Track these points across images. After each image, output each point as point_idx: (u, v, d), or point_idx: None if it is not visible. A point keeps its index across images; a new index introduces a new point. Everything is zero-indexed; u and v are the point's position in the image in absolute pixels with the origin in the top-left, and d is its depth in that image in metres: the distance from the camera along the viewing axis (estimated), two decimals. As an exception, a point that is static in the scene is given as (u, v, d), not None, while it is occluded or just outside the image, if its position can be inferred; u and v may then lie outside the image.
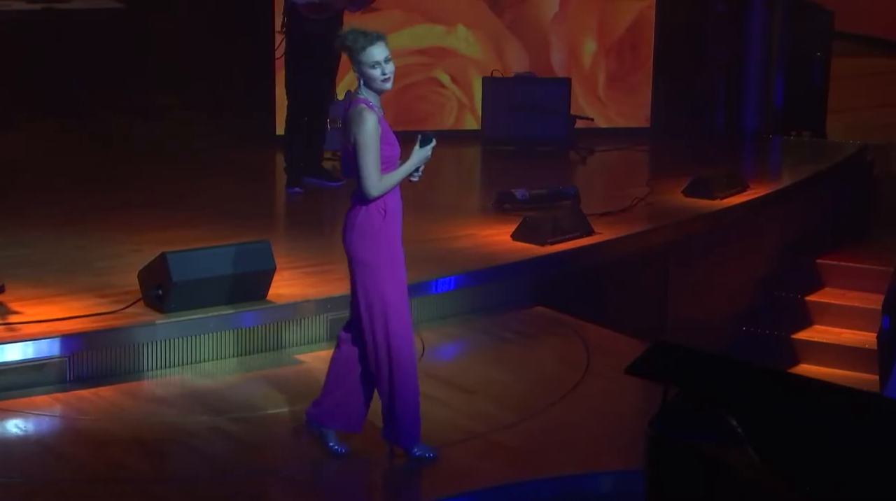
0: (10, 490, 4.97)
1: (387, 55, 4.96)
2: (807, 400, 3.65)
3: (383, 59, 4.95)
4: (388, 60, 4.97)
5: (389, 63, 4.98)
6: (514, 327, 7.10)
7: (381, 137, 4.98)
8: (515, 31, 11.38)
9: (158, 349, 6.22)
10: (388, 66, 4.97)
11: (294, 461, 5.38)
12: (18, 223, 7.82)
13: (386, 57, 4.96)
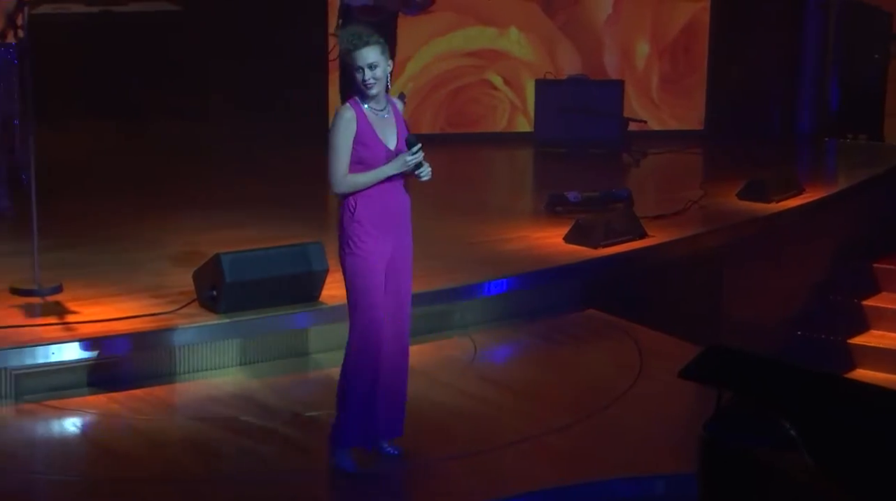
0: (67, 487, 5.03)
1: (371, 61, 4.92)
2: (862, 405, 3.62)
3: (366, 65, 4.93)
4: (372, 66, 4.92)
5: (375, 69, 4.93)
6: (566, 330, 7.09)
7: (358, 137, 4.99)
8: (568, 33, 11.37)
9: (212, 350, 6.27)
10: (370, 72, 4.93)
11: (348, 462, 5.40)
12: (75, 223, 7.91)
13: (370, 63, 4.92)
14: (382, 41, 5.00)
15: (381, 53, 4.96)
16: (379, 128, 5.03)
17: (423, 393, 6.10)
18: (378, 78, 4.96)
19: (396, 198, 5.12)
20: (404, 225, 5.18)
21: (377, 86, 4.97)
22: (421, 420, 5.84)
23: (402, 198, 5.17)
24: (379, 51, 4.95)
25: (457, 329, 6.92)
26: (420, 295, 6.87)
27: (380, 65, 4.95)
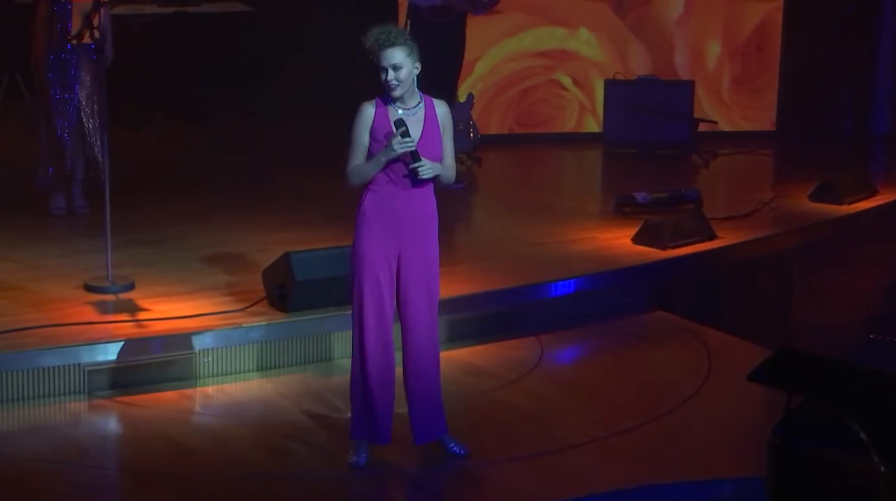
0: (137, 483, 5.09)
1: (395, 62, 4.90)
2: (936, 410, 3.57)
3: (390, 66, 4.92)
4: (396, 68, 4.90)
5: (398, 70, 4.91)
6: (633, 331, 7.05)
7: (373, 133, 5.01)
8: (638, 34, 11.30)
9: (281, 347, 6.32)
10: (393, 73, 4.92)
11: (414, 461, 5.42)
12: (148, 221, 8.01)
13: (394, 64, 4.91)
14: (411, 43, 4.95)
15: (408, 55, 4.93)
16: (395, 129, 4.99)
17: (489, 393, 6.11)
18: (401, 80, 4.93)
19: (409, 201, 5.05)
20: (418, 229, 5.08)
21: (399, 88, 4.94)
22: (487, 419, 5.85)
23: (417, 202, 5.07)
24: (405, 52, 4.93)
25: (524, 329, 6.91)
26: (486, 295, 6.91)
27: (404, 66, 4.92)
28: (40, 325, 6.03)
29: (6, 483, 4.98)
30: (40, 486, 4.98)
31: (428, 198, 5.11)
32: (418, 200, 5.07)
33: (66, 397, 5.84)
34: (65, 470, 5.14)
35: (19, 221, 7.92)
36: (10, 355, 5.75)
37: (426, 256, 5.13)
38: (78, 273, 6.86)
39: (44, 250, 7.34)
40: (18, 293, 6.56)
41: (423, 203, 5.09)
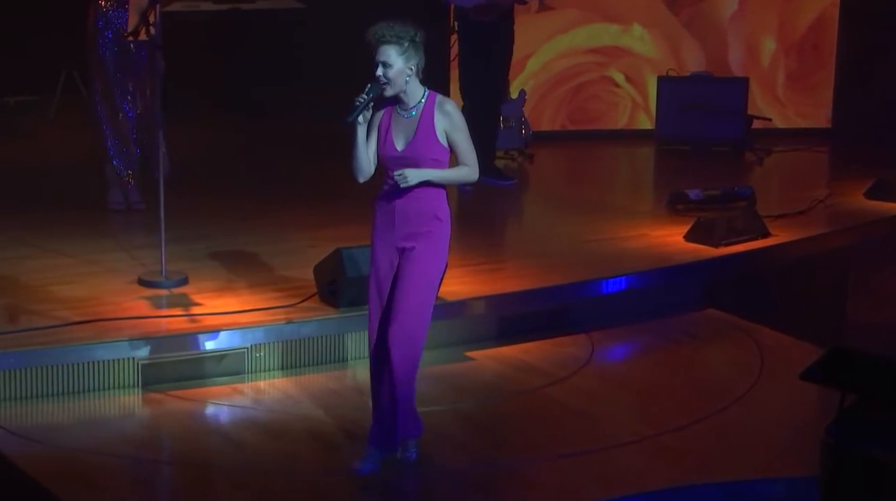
0: (190, 476, 5.14)
1: (384, 60, 4.88)
2: None
3: (380, 62, 4.90)
4: (385, 65, 4.88)
5: (388, 69, 4.88)
6: (685, 329, 7.02)
7: (375, 134, 4.99)
8: (692, 30, 11.23)
9: (332, 343, 6.34)
10: (382, 69, 4.89)
11: (462, 457, 5.43)
12: (200, 216, 8.07)
13: (384, 61, 4.88)
14: (406, 45, 4.89)
15: (400, 55, 4.89)
16: (396, 129, 4.97)
17: (539, 391, 6.10)
18: (390, 78, 4.88)
19: (404, 202, 4.97)
20: (416, 229, 4.98)
21: (389, 87, 4.89)
22: (536, 417, 5.84)
23: (416, 202, 4.97)
24: (397, 52, 4.88)
25: (575, 327, 6.89)
26: (537, 291, 6.91)
27: (394, 65, 4.88)
28: (95, 319, 6.10)
29: (62, 475, 5.05)
30: (95, 478, 5.03)
31: (429, 198, 4.98)
32: (417, 200, 4.96)
33: (120, 390, 5.91)
34: (119, 463, 5.19)
35: (76, 216, 8.01)
36: (65, 348, 5.82)
37: (416, 258, 4.99)
38: (132, 267, 6.93)
39: (99, 245, 7.41)
40: (74, 287, 6.63)
41: (423, 202, 4.97)
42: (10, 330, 5.92)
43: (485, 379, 6.26)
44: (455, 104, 5.01)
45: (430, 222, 4.99)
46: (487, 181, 9.27)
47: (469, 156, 5.02)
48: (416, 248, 4.99)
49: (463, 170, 5.02)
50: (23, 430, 5.45)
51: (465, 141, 4.99)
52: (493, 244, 8.35)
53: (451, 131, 4.96)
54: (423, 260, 5.00)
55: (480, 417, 5.85)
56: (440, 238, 5.03)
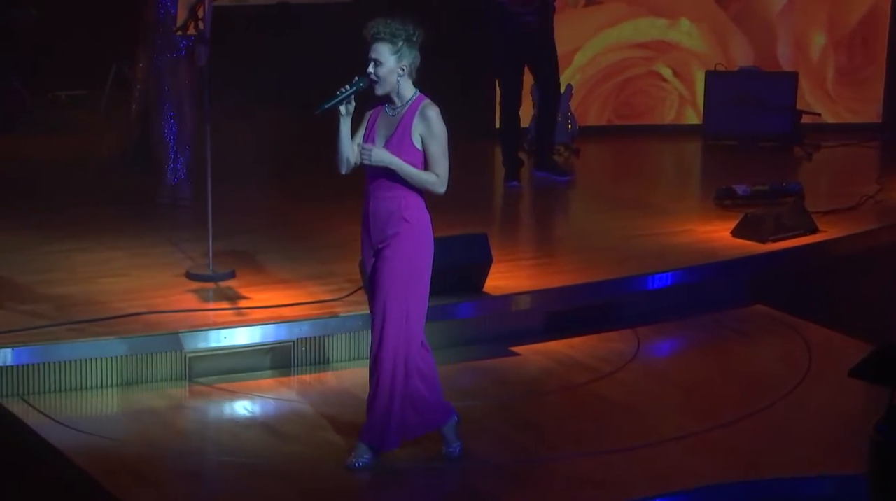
0: (236, 469, 5.17)
1: (375, 57, 4.85)
2: None
3: (371, 59, 4.86)
4: (376, 62, 4.85)
5: (378, 66, 4.85)
6: (732, 325, 6.97)
7: (361, 125, 5.00)
8: (740, 24, 11.14)
9: (377, 337, 6.35)
10: (373, 67, 4.86)
11: (506, 452, 5.42)
12: (247, 210, 8.10)
13: (374, 58, 4.85)
14: (400, 44, 4.85)
15: (392, 53, 4.84)
16: (380, 126, 4.95)
17: (585, 386, 6.08)
18: (379, 76, 4.84)
19: (375, 203, 4.94)
20: (384, 231, 4.92)
21: (379, 85, 4.86)
22: (583, 412, 5.83)
23: (385, 204, 4.92)
24: (390, 49, 4.84)
25: (621, 322, 6.86)
26: (583, 287, 6.89)
27: (385, 64, 4.84)
28: (144, 312, 6.14)
29: (110, 465, 5.09)
30: (143, 470, 5.07)
31: (397, 198, 4.91)
32: (386, 200, 4.91)
33: (167, 383, 5.95)
34: (166, 455, 5.23)
35: (125, 210, 8.07)
36: (114, 341, 5.87)
37: (383, 258, 4.93)
38: (180, 261, 6.98)
39: (148, 239, 7.47)
40: (123, 280, 6.69)
41: (390, 204, 4.91)
42: (61, 322, 5.98)
43: (529, 374, 6.25)
44: (438, 111, 4.92)
45: (398, 223, 4.90)
46: (541, 175, 9.25)
47: (439, 165, 4.90)
48: (384, 250, 4.92)
49: (431, 177, 4.90)
50: (72, 421, 5.50)
51: (438, 150, 4.90)
52: (538, 239, 8.34)
53: (426, 137, 4.89)
54: (389, 265, 4.92)
55: (525, 412, 5.84)
56: (407, 240, 4.90)
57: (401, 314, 4.94)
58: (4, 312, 6.11)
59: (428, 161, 4.89)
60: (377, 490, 5.04)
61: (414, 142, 4.88)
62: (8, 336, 5.79)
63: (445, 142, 4.92)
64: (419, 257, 4.95)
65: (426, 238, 4.97)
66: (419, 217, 4.93)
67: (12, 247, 7.24)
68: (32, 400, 5.67)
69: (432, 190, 4.91)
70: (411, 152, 4.88)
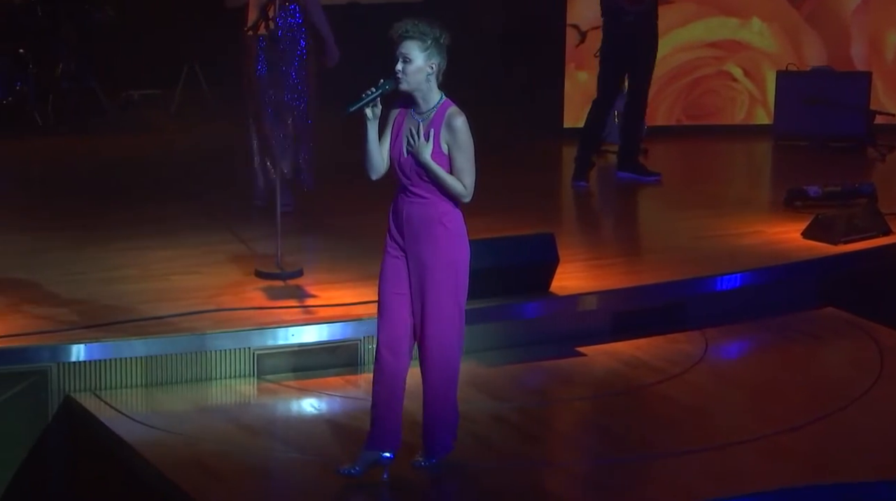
0: (303, 466, 5.19)
1: (405, 53, 4.77)
2: None
3: (401, 55, 4.79)
4: (406, 59, 4.76)
5: (408, 63, 4.76)
6: (802, 328, 6.88)
7: (386, 130, 4.91)
8: (813, 24, 11.01)
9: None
10: (401, 63, 4.77)
11: (573, 453, 5.40)
12: (317, 209, 8.15)
13: (405, 54, 4.77)
14: (429, 42, 4.77)
15: (423, 51, 4.77)
16: (406, 131, 4.86)
17: (652, 387, 6.04)
18: (408, 73, 4.76)
19: (409, 208, 4.86)
20: (418, 236, 4.84)
21: (405, 81, 4.77)
22: (650, 414, 5.79)
23: (418, 209, 4.84)
24: (419, 47, 4.77)
25: (689, 323, 6.81)
26: (651, 287, 6.84)
27: (414, 61, 4.76)
28: (213, 309, 6.20)
29: (179, 460, 5.14)
30: (212, 465, 5.11)
31: (429, 205, 4.84)
32: (419, 207, 4.84)
33: (236, 380, 6.00)
34: (235, 451, 5.27)
35: (196, 208, 8.15)
36: (184, 338, 5.93)
37: (424, 264, 4.85)
38: (250, 259, 7.04)
39: (218, 236, 7.54)
40: (194, 277, 6.76)
41: (427, 209, 4.84)
42: (133, 319, 6.05)
43: (596, 375, 6.22)
44: (465, 121, 4.80)
45: (436, 228, 4.83)
46: (625, 177, 9.21)
47: (465, 176, 4.82)
48: (422, 261, 4.84)
49: (459, 186, 4.83)
50: (143, 417, 5.57)
51: (464, 160, 4.80)
52: (606, 239, 8.29)
53: (453, 147, 4.81)
54: (433, 272, 4.84)
55: (591, 413, 5.82)
56: (448, 245, 4.85)
57: (452, 318, 4.90)
58: (78, 308, 6.20)
59: (454, 171, 4.82)
60: (442, 487, 5.03)
61: (441, 147, 4.82)
62: (80, 332, 5.88)
63: (472, 153, 4.84)
64: (460, 260, 4.91)
65: (464, 242, 4.92)
66: (456, 221, 4.88)
67: (87, 243, 7.35)
68: (104, 396, 5.74)
69: (459, 198, 4.86)
70: (438, 156, 4.82)
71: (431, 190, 4.83)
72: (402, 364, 4.93)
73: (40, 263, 6.93)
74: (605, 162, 9.77)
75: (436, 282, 4.85)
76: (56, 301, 6.31)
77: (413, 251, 4.86)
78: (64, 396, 5.73)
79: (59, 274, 6.74)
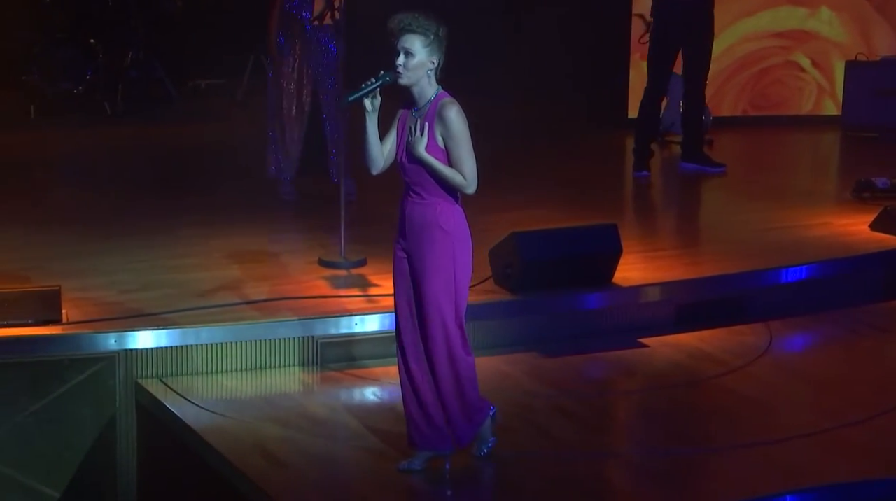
0: (365, 453, 5.23)
1: (407, 47, 4.67)
2: None
3: (402, 49, 4.69)
4: (407, 53, 4.67)
5: (409, 57, 4.67)
6: (868, 321, 6.81)
7: (391, 129, 4.83)
8: (885, 13, 10.88)
9: (505, 326, 6.37)
10: (402, 57, 4.68)
11: (633, 444, 5.40)
12: (380, 199, 8.17)
13: (406, 48, 4.68)
14: (431, 38, 4.70)
15: (424, 46, 4.69)
16: (408, 130, 4.79)
17: (715, 380, 6.02)
18: (409, 68, 4.67)
19: (411, 207, 4.80)
20: (416, 236, 4.77)
21: (405, 76, 4.68)
22: (712, 406, 5.77)
23: (419, 209, 4.77)
24: (422, 42, 4.69)
25: (753, 315, 6.77)
26: (716, 279, 6.81)
27: (416, 55, 4.67)
28: (278, 298, 6.27)
29: (243, 445, 5.18)
30: (275, 451, 5.16)
31: (431, 206, 4.77)
32: (419, 207, 4.77)
33: (299, 368, 6.06)
34: (298, 437, 5.32)
35: (262, 197, 8.22)
36: (249, 326, 6.00)
37: (422, 265, 4.78)
38: (313, 249, 7.10)
39: (283, 226, 7.62)
40: (257, 266, 6.83)
41: (423, 210, 4.76)
42: (199, 306, 6.14)
43: (658, 366, 6.21)
44: (458, 110, 4.71)
45: (434, 231, 4.76)
46: (690, 167, 9.17)
47: (464, 166, 4.71)
48: (419, 258, 4.79)
49: (457, 176, 4.74)
50: (209, 404, 5.64)
51: (459, 151, 4.70)
52: (669, 230, 8.26)
53: (447, 138, 4.73)
54: (431, 275, 4.77)
55: (654, 405, 5.81)
56: (443, 250, 4.76)
57: (448, 317, 4.82)
58: (144, 295, 6.29)
59: (452, 162, 4.75)
60: (503, 474, 5.05)
61: (437, 140, 4.75)
62: (147, 319, 5.97)
63: (468, 141, 4.75)
64: (458, 263, 4.82)
65: (463, 244, 4.83)
66: (455, 222, 4.80)
67: (153, 231, 7.45)
68: (170, 382, 5.83)
69: (462, 190, 4.78)
70: (434, 150, 4.75)
71: (431, 189, 4.76)
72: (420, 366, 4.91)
73: (108, 251, 7.04)
74: (669, 153, 9.74)
75: (432, 284, 4.77)
76: (123, 288, 6.41)
77: (412, 251, 4.82)
78: (131, 383, 5.82)
79: (126, 262, 6.85)
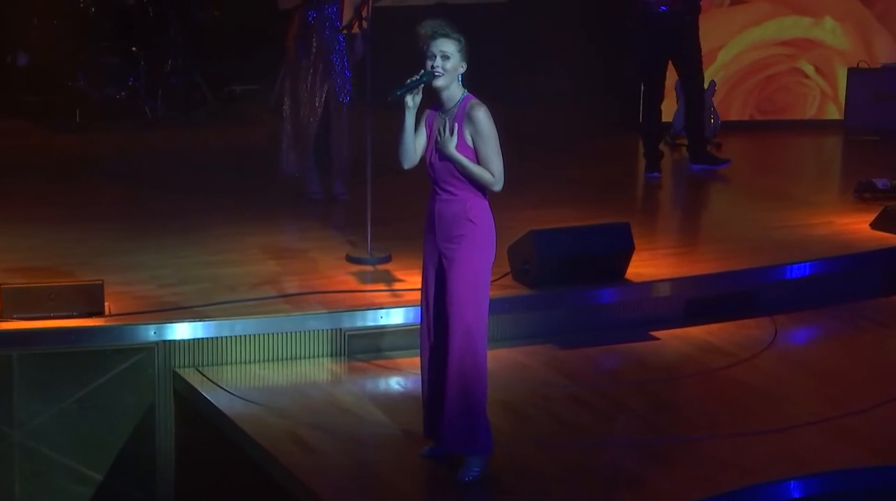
0: (390, 439, 5.23)
1: (443, 50, 4.70)
2: None
3: (440, 53, 4.71)
4: (444, 56, 4.70)
5: (446, 60, 4.70)
6: (869, 316, 6.78)
7: (421, 125, 4.83)
8: (886, 22, 10.81)
9: (523, 320, 6.36)
10: (439, 60, 4.70)
11: (644, 430, 5.38)
12: (404, 198, 8.16)
13: (443, 52, 4.70)
14: (462, 44, 4.75)
15: (458, 51, 4.73)
16: (436, 133, 4.79)
17: (723, 371, 6.00)
18: (446, 69, 4.70)
19: (440, 205, 4.78)
20: (447, 233, 4.76)
21: (443, 77, 4.71)
22: (720, 396, 5.75)
23: (448, 206, 4.76)
24: (456, 47, 4.73)
25: (759, 310, 6.74)
26: (724, 275, 6.78)
27: (452, 58, 4.71)
28: (308, 292, 6.27)
29: (276, 432, 5.20)
30: (305, 436, 5.18)
31: (460, 201, 4.76)
32: (448, 204, 4.77)
33: (328, 358, 6.06)
34: (327, 425, 5.33)
35: (291, 197, 8.22)
36: (281, 318, 6.01)
37: (451, 259, 4.76)
38: (341, 246, 7.10)
39: (311, 224, 7.62)
40: (289, 262, 6.84)
41: (454, 206, 4.76)
42: (233, 299, 6.15)
43: (669, 358, 6.19)
44: (486, 111, 4.73)
45: (464, 225, 4.75)
46: (698, 169, 9.14)
47: (492, 164, 4.72)
48: (452, 254, 4.76)
49: (487, 175, 4.74)
50: (243, 393, 5.65)
51: (488, 150, 4.71)
52: (679, 228, 8.24)
53: (476, 138, 4.73)
54: (459, 268, 4.75)
55: (663, 394, 5.79)
56: (474, 241, 4.75)
57: (477, 318, 4.80)
58: (181, 289, 6.31)
59: (481, 161, 4.75)
60: (525, 463, 5.03)
61: (466, 140, 4.76)
62: (184, 312, 5.98)
63: (495, 141, 4.76)
64: (485, 257, 4.82)
65: (490, 239, 4.83)
66: (483, 217, 4.80)
67: (190, 229, 7.47)
68: (206, 371, 5.84)
69: (490, 187, 4.78)
70: (463, 149, 4.76)
71: (461, 186, 4.76)
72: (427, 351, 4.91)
73: (148, 248, 7.05)
74: (679, 155, 9.70)
75: (460, 277, 4.75)
76: (162, 283, 6.42)
77: (442, 246, 4.79)
78: (169, 372, 5.84)
79: (165, 259, 6.86)
